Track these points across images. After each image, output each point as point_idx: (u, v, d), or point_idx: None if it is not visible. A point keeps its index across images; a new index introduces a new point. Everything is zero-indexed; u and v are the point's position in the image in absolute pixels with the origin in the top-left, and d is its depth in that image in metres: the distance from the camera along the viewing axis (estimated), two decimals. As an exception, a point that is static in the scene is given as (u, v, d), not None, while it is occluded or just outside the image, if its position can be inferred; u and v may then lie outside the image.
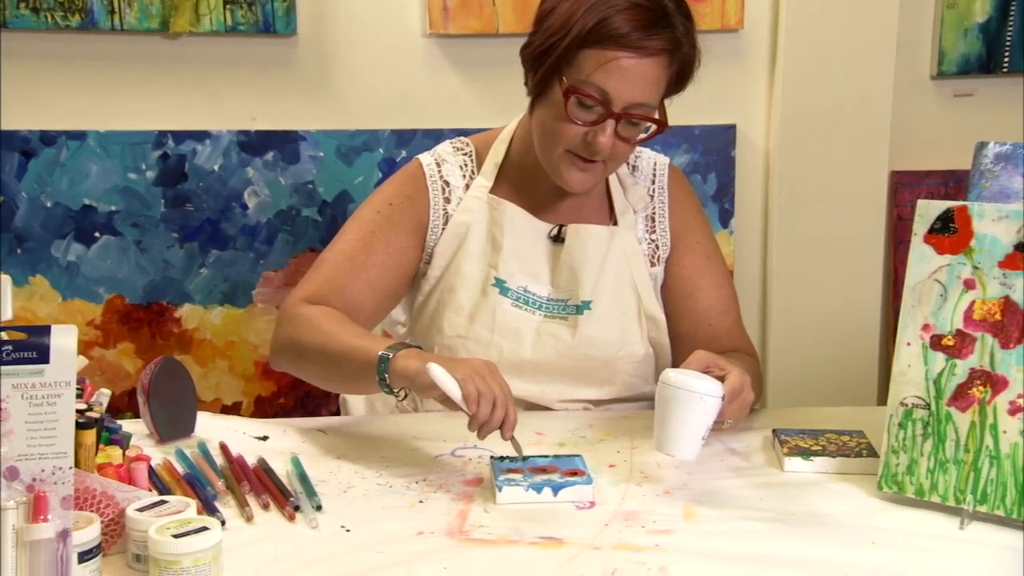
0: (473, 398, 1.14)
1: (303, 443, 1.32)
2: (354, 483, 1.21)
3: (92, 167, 1.93)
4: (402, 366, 1.19)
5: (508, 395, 1.16)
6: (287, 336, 1.34)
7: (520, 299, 1.46)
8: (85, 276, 1.95)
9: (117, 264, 1.95)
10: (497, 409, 1.15)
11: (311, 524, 1.10)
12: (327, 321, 1.31)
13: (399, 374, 1.20)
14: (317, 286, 1.38)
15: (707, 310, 1.50)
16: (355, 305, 1.38)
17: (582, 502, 1.15)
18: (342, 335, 1.28)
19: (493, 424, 1.15)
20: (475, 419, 1.15)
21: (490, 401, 1.14)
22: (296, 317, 1.34)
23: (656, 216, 1.51)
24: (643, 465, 1.26)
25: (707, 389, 1.16)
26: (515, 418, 1.16)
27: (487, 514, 1.13)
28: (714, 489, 1.20)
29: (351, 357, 1.25)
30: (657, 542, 1.07)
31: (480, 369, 1.17)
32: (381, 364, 1.21)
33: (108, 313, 1.96)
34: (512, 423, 1.16)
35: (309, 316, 1.33)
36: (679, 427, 1.16)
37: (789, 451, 1.27)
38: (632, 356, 1.48)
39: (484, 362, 1.19)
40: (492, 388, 1.15)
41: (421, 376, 1.17)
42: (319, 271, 1.40)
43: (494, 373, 1.17)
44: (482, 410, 1.14)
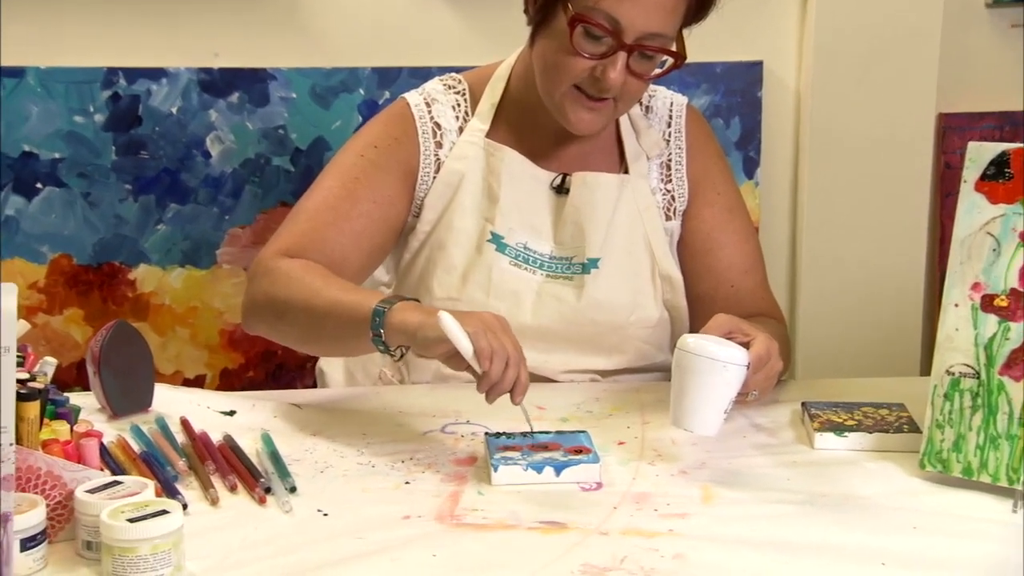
0: (486, 354, 1.14)
1: (274, 418, 1.32)
2: (332, 462, 1.21)
3: (32, 109, 1.91)
4: (400, 320, 1.19)
5: (521, 354, 1.17)
6: (263, 292, 1.34)
7: (519, 257, 1.46)
8: (26, 233, 1.94)
9: (62, 219, 1.94)
10: (510, 369, 1.15)
11: (284, 508, 1.10)
12: (309, 275, 1.32)
13: (397, 329, 1.20)
14: (295, 238, 1.38)
15: (729, 269, 1.50)
16: (338, 260, 1.38)
17: (588, 483, 1.16)
18: (328, 289, 1.28)
19: (505, 385, 1.16)
20: (486, 378, 1.15)
21: (503, 359, 1.15)
22: (273, 271, 1.34)
23: (672, 163, 1.51)
24: (657, 442, 1.27)
25: (730, 357, 1.16)
26: (527, 381, 1.17)
27: (481, 496, 1.13)
28: (736, 468, 1.21)
29: (340, 313, 1.25)
30: (671, 527, 1.07)
31: (492, 324, 1.17)
32: (376, 319, 1.21)
33: (53, 275, 1.96)
34: (524, 386, 1.17)
35: (288, 270, 1.33)
36: (698, 399, 1.16)
37: (820, 426, 1.27)
38: (645, 321, 1.48)
39: (495, 316, 1.19)
40: (505, 345, 1.15)
41: (425, 330, 1.17)
42: (296, 222, 1.40)
43: (506, 329, 1.18)
44: (495, 368, 1.14)
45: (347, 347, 1.32)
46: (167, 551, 0.96)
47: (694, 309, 1.51)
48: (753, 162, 2.05)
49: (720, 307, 1.40)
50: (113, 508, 0.98)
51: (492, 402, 1.18)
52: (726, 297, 1.49)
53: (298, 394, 1.43)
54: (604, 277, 1.46)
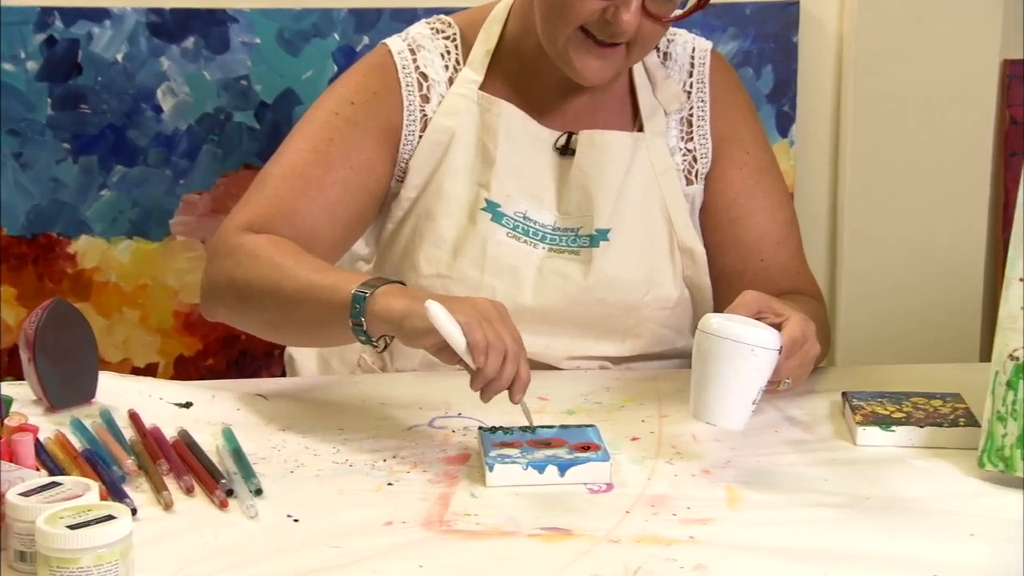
0: (481, 348, 1.15)
1: (237, 411, 1.33)
2: (304, 461, 1.22)
3: (-45, 57, 1.91)
4: (384, 307, 1.20)
5: (521, 347, 1.18)
6: (225, 274, 1.34)
7: (518, 228, 1.46)
8: (-50, 200, 1.94)
9: (-8, 184, 1.95)
10: (507, 364, 1.16)
11: (249, 513, 1.11)
12: (278, 253, 1.32)
13: (381, 317, 1.20)
14: (261, 209, 1.38)
15: (759, 240, 1.50)
16: (310, 234, 1.38)
17: (596, 484, 1.16)
18: (300, 270, 1.28)
19: (502, 383, 1.17)
20: (481, 375, 1.16)
21: (500, 353, 1.15)
22: (236, 249, 1.34)
23: (694, 119, 1.51)
24: (676, 438, 1.27)
25: (759, 339, 1.16)
26: (528, 377, 1.18)
27: (475, 499, 1.13)
28: (766, 467, 1.21)
29: (315, 297, 1.25)
30: (692, 534, 1.07)
31: (487, 311, 1.18)
32: (356, 305, 1.21)
33: (-19, 248, 1.96)
34: (524, 383, 1.18)
35: (254, 248, 1.33)
36: (723, 388, 1.16)
37: (863, 419, 1.27)
38: (662, 300, 1.48)
39: (491, 303, 1.20)
40: (503, 337, 1.16)
41: (412, 319, 1.17)
42: (261, 191, 1.40)
43: (504, 318, 1.19)
44: (491, 364, 1.15)
45: (322, 336, 1.32)
46: (113, 562, 0.96)
47: (719, 287, 1.51)
48: (787, 118, 2.05)
49: (748, 283, 1.41)
50: (51, 513, 0.98)
51: (488, 400, 1.18)
52: (756, 272, 1.49)
53: (265, 384, 1.43)
54: (615, 251, 1.46)
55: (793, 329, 1.20)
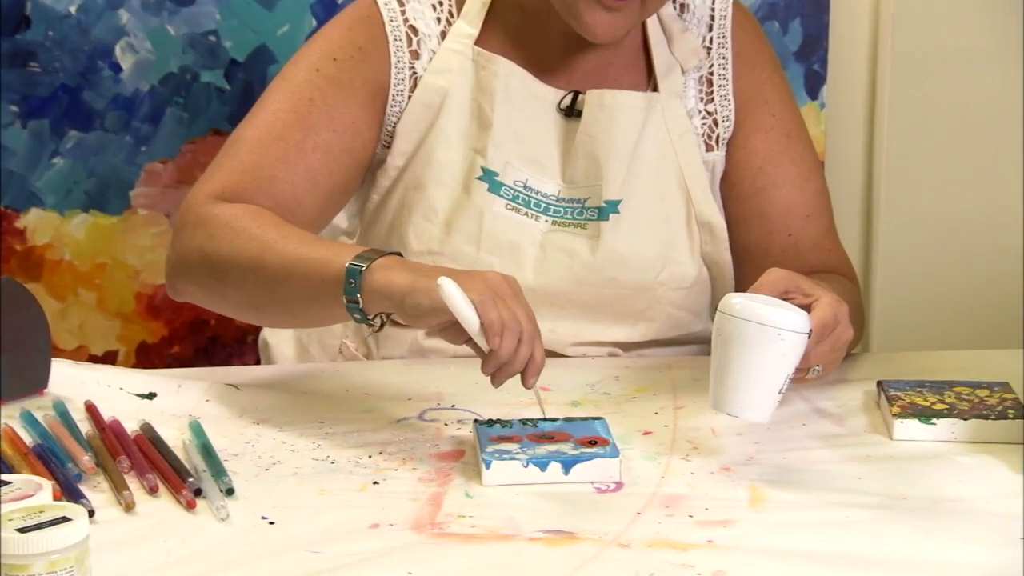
0: (496, 328, 1.15)
1: (206, 402, 1.33)
2: (280, 458, 1.22)
3: None
4: (383, 281, 1.20)
5: (536, 327, 1.18)
6: (196, 247, 1.34)
7: (518, 199, 1.46)
8: None
9: (-68, 152, 1.94)
10: (522, 346, 1.17)
11: (219, 515, 1.11)
12: (257, 224, 1.32)
13: (380, 293, 1.20)
14: (234, 177, 1.38)
15: (786, 213, 1.50)
16: (290, 204, 1.38)
17: (605, 483, 1.17)
18: (285, 242, 1.29)
19: (516, 366, 1.17)
20: (495, 358, 1.16)
21: (516, 334, 1.16)
22: (209, 220, 1.34)
23: (715, 78, 1.51)
24: (692, 431, 1.27)
25: (786, 322, 1.16)
26: (543, 359, 1.18)
27: (470, 500, 1.14)
28: (793, 464, 1.21)
29: (302, 272, 1.25)
30: (711, 537, 1.08)
31: (500, 288, 1.18)
32: (351, 280, 1.21)
33: (-80, 223, 1.96)
34: (539, 366, 1.19)
35: (229, 218, 1.33)
36: (746, 376, 1.16)
37: (901, 411, 1.28)
38: (678, 280, 1.48)
39: (503, 277, 1.20)
40: (517, 316, 1.16)
41: (416, 295, 1.17)
42: (235, 155, 1.40)
43: (518, 295, 1.19)
44: (505, 346, 1.16)
45: (310, 316, 1.32)
46: (68, 569, 0.96)
47: (741, 265, 1.51)
48: (818, 77, 2.05)
49: (775, 261, 1.41)
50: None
51: (499, 385, 1.19)
52: (782, 249, 1.49)
53: (237, 372, 1.44)
54: (626, 224, 1.46)
55: (824, 311, 1.20)
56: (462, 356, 1.44)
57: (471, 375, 1.36)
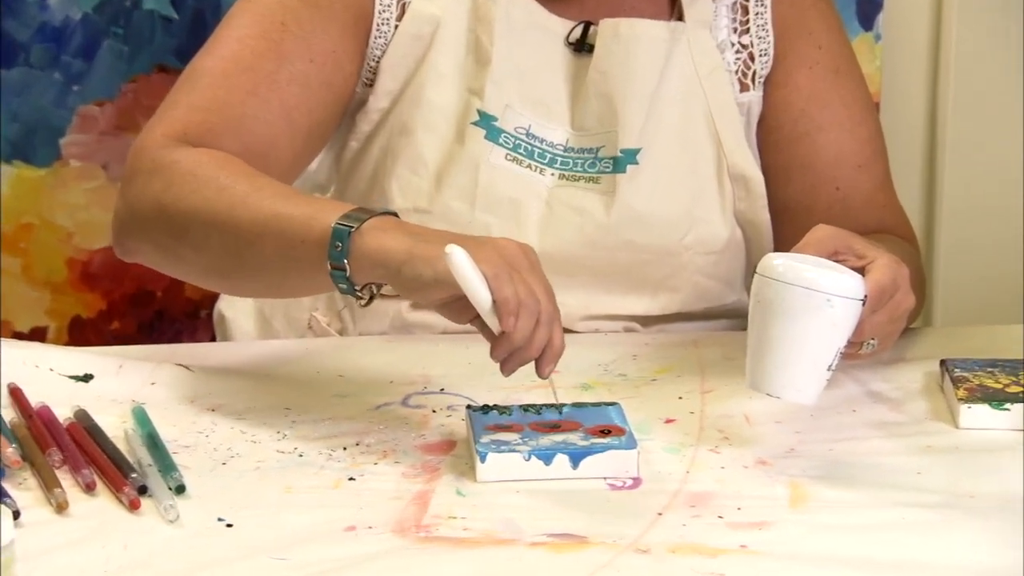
0: (511, 307, 1.14)
1: (152, 385, 1.33)
2: (240, 450, 1.22)
3: None
4: (376, 246, 1.19)
5: (556, 306, 1.18)
6: (151, 198, 1.33)
7: (520, 148, 1.46)
8: None
9: None
10: (540, 328, 1.16)
11: (168, 516, 1.11)
12: (226, 172, 1.31)
13: (372, 259, 1.19)
14: (197, 115, 1.38)
15: (833, 163, 1.51)
16: (263, 147, 1.38)
17: (620, 478, 1.17)
18: (257, 196, 1.28)
19: (532, 351, 1.17)
20: (508, 341, 1.15)
21: (533, 315, 1.15)
22: (167, 166, 1.33)
23: (750, 5, 1.51)
24: (723, 419, 1.27)
25: (837, 286, 1.16)
26: (562, 344, 1.18)
27: (462, 499, 1.14)
28: (841, 457, 1.21)
29: (279, 232, 1.25)
30: (744, 541, 1.07)
31: (516, 258, 1.17)
32: (338, 243, 1.20)
33: None
34: (558, 352, 1.18)
35: (192, 165, 1.32)
36: (789, 350, 1.16)
37: (968, 395, 1.28)
38: (707, 242, 1.49)
39: (519, 246, 1.19)
40: (535, 293, 1.16)
41: (415, 264, 1.16)
42: (195, 90, 1.40)
43: (535, 267, 1.19)
44: (522, 328, 1.15)
45: (286, 284, 1.32)
46: (-9, 578, 0.96)
47: (781, 224, 1.51)
48: (872, 4, 2.04)
49: (820, 219, 1.39)
50: (-91, 515, 0.98)
51: (510, 373, 1.18)
52: (829, 205, 1.49)
53: (187, 350, 1.44)
54: (646, 178, 1.46)
55: (881, 274, 1.20)
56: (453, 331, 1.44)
57: (463, 354, 1.37)
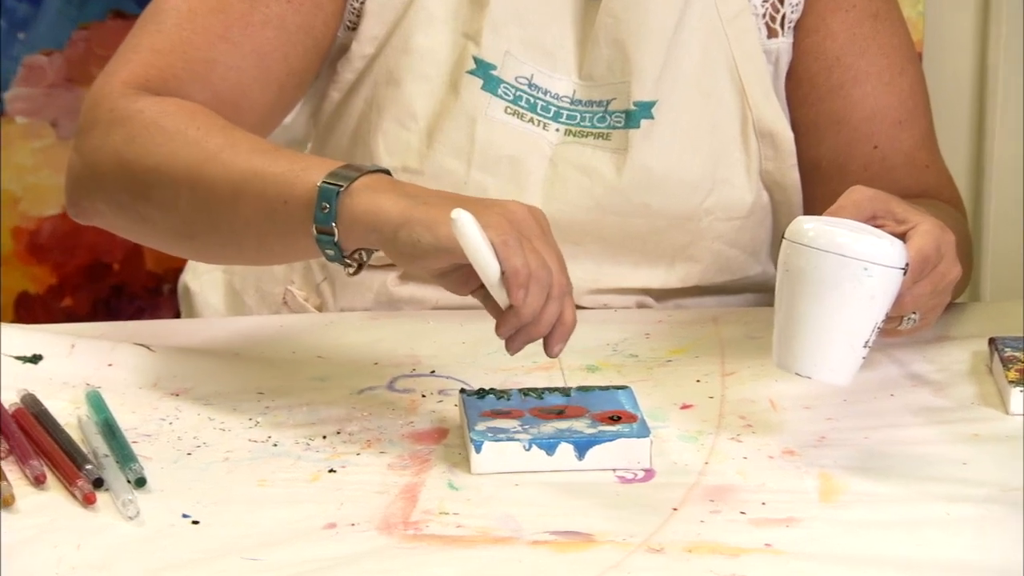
0: (521, 278, 1.14)
1: (109, 367, 1.33)
2: (207, 438, 1.22)
3: None
4: (369, 207, 1.19)
5: (567, 277, 1.18)
6: (111, 152, 1.33)
7: (521, 100, 1.46)
8: None
9: None
10: (551, 303, 1.16)
11: (127, 512, 1.11)
12: (196, 124, 1.31)
13: (364, 223, 1.19)
14: (161, 59, 1.38)
15: (870, 118, 1.51)
16: (234, 96, 1.39)
17: (631, 470, 1.17)
18: (232, 150, 1.28)
19: (541, 328, 1.17)
20: (516, 316, 1.16)
21: (544, 287, 1.16)
22: (131, 117, 1.33)
23: (778, -58, 1.52)
24: (746, 404, 1.28)
25: (875, 253, 1.16)
26: (574, 320, 1.18)
27: (455, 493, 1.14)
28: (877, 446, 1.21)
29: (258, 191, 1.25)
30: (769, 539, 1.07)
31: (525, 224, 1.17)
32: (325, 204, 1.20)
33: None
34: (569, 328, 1.18)
35: (158, 116, 1.32)
36: (821, 324, 1.16)
37: (1020, 377, 1.28)
38: (730, 207, 1.49)
39: (528, 210, 1.19)
40: (547, 263, 1.16)
41: (413, 228, 1.16)
42: (158, 32, 1.40)
43: (546, 234, 1.19)
44: (532, 301, 1.15)
45: (265, 250, 1.31)
46: (-72, 582, 0.96)
47: (812, 186, 1.52)
48: (916, -59, 2.05)
49: (855, 180, 1.39)
50: None
51: (517, 351, 1.18)
52: (866, 165, 1.50)
53: (149, 328, 1.44)
54: (662, 134, 1.46)
55: (923, 240, 1.20)
56: (445, 307, 1.45)
57: (457, 332, 1.37)
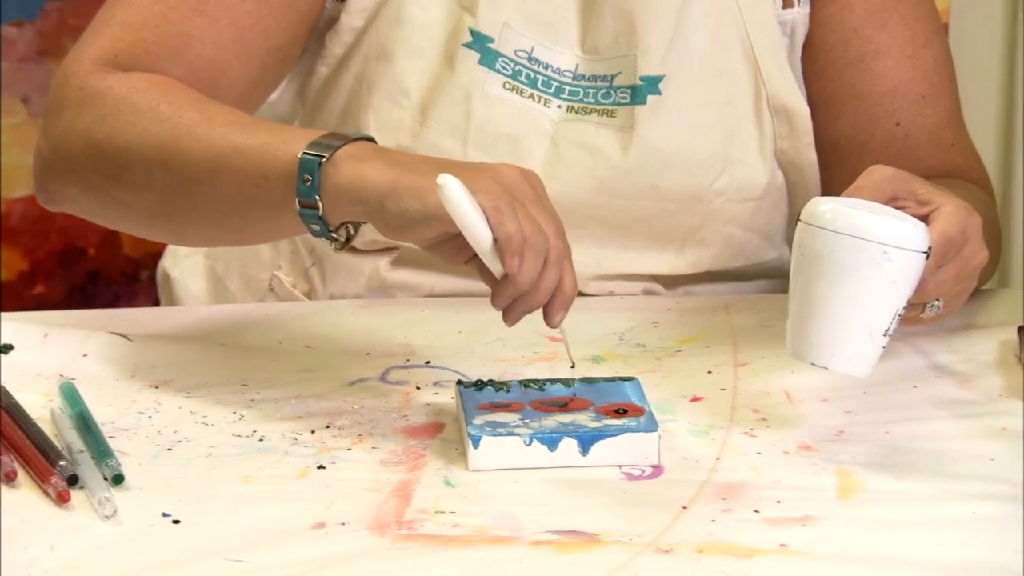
0: (515, 245, 1.14)
1: (84, 357, 1.33)
2: (188, 433, 1.22)
3: None
4: (353, 178, 1.19)
5: (565, 241, 1.18)
6: (81, 133, 1.33)
7: (521, 75, 1.47)
8: None
9: None
10: (549, 270, 1.16)
11: (104, 511, 1.11)
12: (169, 99, 1.31)
13: (349, 194, 1.19)
14: (133, 34, 1.38)
15: (892, 93, 1.51)
16: (210, 74, 1.39)
17: (638, 466, 1.17)
18: (208, 124, 1.28)
19: (540, 297, 1.17)
20: (512, 284, 1.16)
21: (541, 254, 1.16)
22: (100, 95, 1.33)
23: (793, -96, 1.52)
24: (759, 396, 1.28)
25: (896, 235, 1.16)
26: (575, 287, 1.19)
27: (451, 490, 1.14)
28: (899, 441, 1.22)
29: (236, 167, 1.25)
30: (784, 539, 1.08)
31: (518, 187, 1.18)
32: (307, 175, 1.20)
33: None
34: (569, 297, 1.18)
35: (129, 92, 1.33)
36: (839, 311, 1.16)
37: (1052, 368, 1.29)
38: (743, 187, 1.49)
39: (521, 172, 1.19)
40: (543, 227, 1.16)
41: (401, 197, 1.16)
42: (130, 5, 1.40)
43: (541, 197, 1.19)
44: (527, 269, 1.15)
45: (247, 228, 1.32)
46: None
47: (830, 166, 1.52)
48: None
49: (876, 159, 1.39)
50: None
51: (514, 322, 1.18)
52: (887, 142, 1.50)
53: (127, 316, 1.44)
54: (671, 111, 1.46)
55: (948, 223, 1.19)
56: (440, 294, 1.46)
57: (453, 320, 1.38)
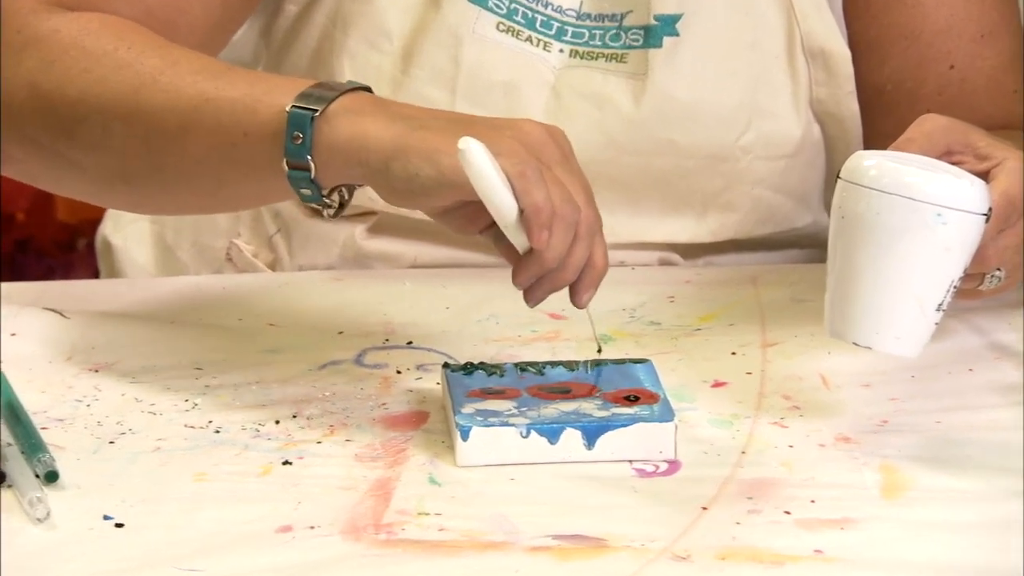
0: (543, 217, 1.14)
1: (12, 337, 1.34)
2: (133, 424, 1.23)
3: None
4: (352, 134, 1.19)
5: (596, 212, 1.19)
6: (25, 82, 1.33)
7: (517, 14, 1.48)
8: None
9: None
10: (578, 244, 1.17)
11: (35, 513, 1.11)
12: (126, 43, 1.31)
13: (348, 154, 1.19)
14: None
15: (945, 33, 1.52)
16: (167, 13, 1.39)
17: (651, 461, 1.18)
18: (173, 71, 1.28)
19: (568, 274, 1.18)
20: (538, 261, 1.16)
21: (571, 226, 1.16)
22: (46, 38, 1.33)
23: None
24: (791, 381, 1.29)
25: (952, 195, 1.16)
26: (605, 263, 1.19)
27: (437, 489, 1.15)
28: (952, 433, 1.22)
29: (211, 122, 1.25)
30: (820, 545, 1.08)
31: (544, 148, 1.18)
32: (297, 132, 1.20)
33: None
34: (600, 273, 1.19)
35: (79, 34, 1.32)
36: (884, 284, 1.17)
37: (1126, 351, 1.30)
38: (773, 142, 1.50)
39: (548, 131, 1.19)
40: (573, 196, 1.17)
41: (409, 159, 1.16)
42: None
43: (568, 159, 1.20)
44: (556, 243, 1.15)
45: (223, 192, 1.31)
46: None
47: (875, 117, 1.53)
48: None
49: (927, 108, 1.41)
50: None
51: (538, 303, 1.19)
52: (940, 88, 1.51)
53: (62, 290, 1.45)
54: (690, 55, 1.47)
55: (1010, 181, 1.19)
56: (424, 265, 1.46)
57: (439, 294, 1.39)
